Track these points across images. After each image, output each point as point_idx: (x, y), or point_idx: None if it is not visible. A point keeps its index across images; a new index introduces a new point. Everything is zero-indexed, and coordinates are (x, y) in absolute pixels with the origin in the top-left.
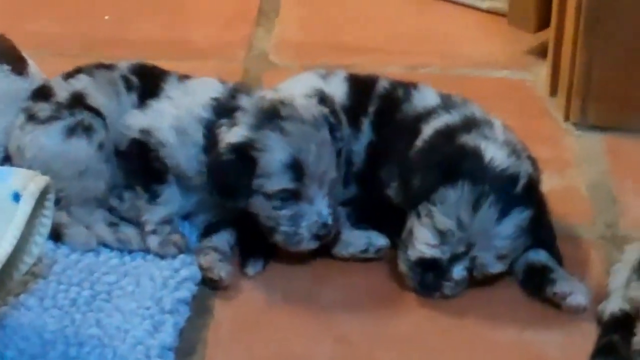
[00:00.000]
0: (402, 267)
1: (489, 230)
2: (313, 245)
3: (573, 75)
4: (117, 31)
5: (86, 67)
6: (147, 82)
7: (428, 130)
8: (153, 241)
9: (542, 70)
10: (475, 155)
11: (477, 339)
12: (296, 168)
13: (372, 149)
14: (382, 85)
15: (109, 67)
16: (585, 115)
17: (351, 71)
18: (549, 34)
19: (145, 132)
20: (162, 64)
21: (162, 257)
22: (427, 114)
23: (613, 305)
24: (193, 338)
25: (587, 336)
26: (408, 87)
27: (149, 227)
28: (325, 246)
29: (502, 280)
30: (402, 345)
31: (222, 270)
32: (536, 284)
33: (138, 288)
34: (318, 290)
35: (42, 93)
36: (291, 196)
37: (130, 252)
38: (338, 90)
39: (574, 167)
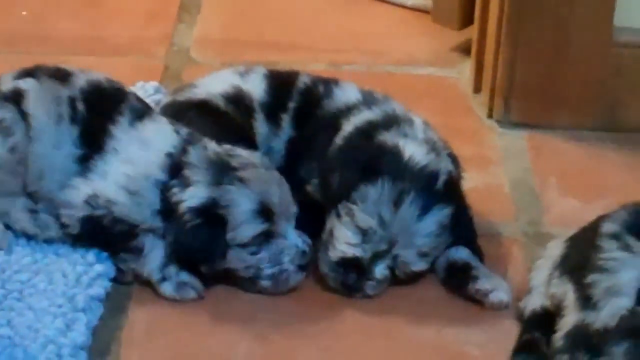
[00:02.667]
0: (323, 267)
1: (410, 228)
2: (300, 277)
3: (496, 72)
4: (36, 27)
5: (42, 70)
6: (95, 118)
7: (348, 126)
8: (167, 288)
9: (466, 68)
10: (394, 153)
11: (397, 338)
12: (265, 211)
13: (292, 145)
14: (303, 81)
15: (63, 80)
16: (508, 113)
17: (273, 68)
18: (472, 32)
19: (91, 200)
20: (82, 60)
21: (74, 250)
22: (347, 110)
23: (534, 302)
24: (107, 337)
25: (508, 334)
26: (329, 83)
27: (155, 277)
28: None
29: (424, 279)
30: (322, 344)
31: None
32: (458, 281)
33: (50, 285)
34: (237, 290)
35: None
36: (265, 238)
37: (42, 249)
38: (257, 87)
39: (497, 165)
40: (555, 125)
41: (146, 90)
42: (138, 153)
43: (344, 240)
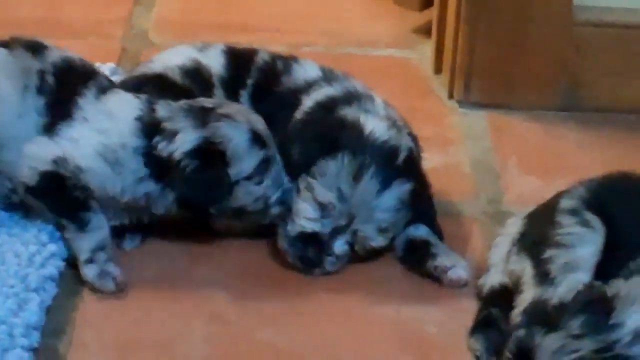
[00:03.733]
0: (282, 243)
1: (370, 203)
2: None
3: (456, 53)
4: None
5: (18, 41)
6: (63, 91)
7: (308, 102)
8: (90, 271)
9: (426, 49)
10: (355, 127)
11: (356, 316)
12: (258, 139)
13: None
14: (262, 57)
15: (36, 52)
16: (468, 93)
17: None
18: (433, 13)
19: (59, 161)
20: None
21: (27, 230)
22: (307, 87)
23: (493, 279)
24: (61, 318)
25: (466, 311)
26: (288, 60)
27: (83, 256)
28: (205, 223)
29: (382, 258)
30: (279, 322)
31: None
32: (417, 258)
33: (3, 266)
34: (194, 269)
35: None
36: (265, 165)
37: None
38: (215, 62)
39: (458, 145)
40: (516, 105)
41: (103, 71)
42: (108, 124)
43: (303, 215)
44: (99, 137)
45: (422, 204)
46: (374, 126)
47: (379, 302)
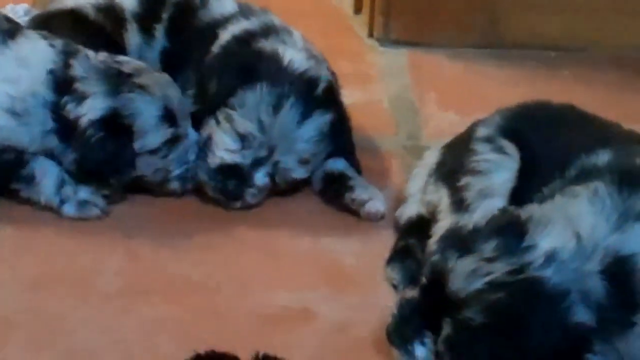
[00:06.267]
0: (202, 176)
1: (291, 133)
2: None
3: None
4: None
5: None
6: None
7: (225, 35)
8: (69, 211)
9: None
10: (273, 58)
11: (273, 249)
12: (169, 116)
13: (167, 56)
14: None
15: None
16: (388, 31)
17: None
18: None
19: None
20: None
21: None
22: (224, 20)
23: (410, 210)
24: None
25: (384, 243)
26: None
27: (54, 202)
28: None
29: (301, 192)
30: (195, 257)
31: None
32: (334, 192)
33: None
34: (112, 206)
35: None
36: (173, 142)
37: None
38: None
39: (377, 82)
40: (436, 42)
41: (16, 12)
42: (18, 71)
43: (223, 147)
44: (5, 86)
45: (341, 136)
46: (293, 57)
47: (296, 234)
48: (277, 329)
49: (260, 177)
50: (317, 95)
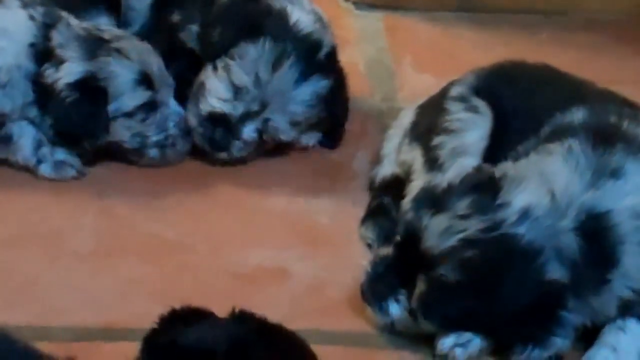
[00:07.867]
0: (192, 120)
1: (286, 93)
2: (187, 144)
3: None
4: None
5: None
6: None
7: None
8: (45, 170)
9: None
10: (280, 15)
11: (248, 207)
12: (146, 80)
13: None
14: None
15: None
16: None
17: None
18: None
19: None
20: None
21: None
22: None
23: (385, 170)
24: None
25: (358, 203)
26: None
27: (30, 162)
28: None
29: (277, 153)
30: (168, 216)
31: None
32: None
33: None
34: (89, 165)
35: None
36: (150, 107)
37: None
38: None
39: (353, 45)
40: (412, 6)
41: None
42: (1, 43)
43: (215, 95)
44: None
45: (337, 105)
46: (299, 17)
47: (272, 194)
48: (252, 288)
49: (249, 132)
50: (319, 59)
